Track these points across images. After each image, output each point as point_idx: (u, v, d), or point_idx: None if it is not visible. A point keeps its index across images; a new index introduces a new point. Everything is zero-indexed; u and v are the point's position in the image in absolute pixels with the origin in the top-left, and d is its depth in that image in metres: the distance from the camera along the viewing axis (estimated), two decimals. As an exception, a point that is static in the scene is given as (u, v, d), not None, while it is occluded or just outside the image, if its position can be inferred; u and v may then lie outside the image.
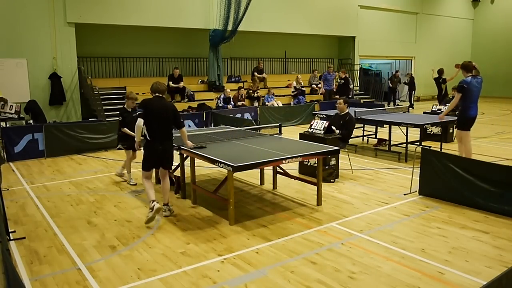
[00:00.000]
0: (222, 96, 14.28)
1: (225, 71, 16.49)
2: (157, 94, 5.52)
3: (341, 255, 4.41)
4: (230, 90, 14.69)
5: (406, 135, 9.18)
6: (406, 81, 20.04)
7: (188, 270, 4.13)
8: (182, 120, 5.73)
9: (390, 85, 19.73)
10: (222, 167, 5.19)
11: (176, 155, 6.48)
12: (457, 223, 5.31)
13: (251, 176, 7.44)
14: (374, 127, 10.70)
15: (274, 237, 4.90)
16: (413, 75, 20.13)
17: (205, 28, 15.12)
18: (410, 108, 16.55)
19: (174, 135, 5.68)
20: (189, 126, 12.10)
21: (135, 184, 7.20)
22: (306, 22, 17.84)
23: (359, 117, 9.43)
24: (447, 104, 11.52)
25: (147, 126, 5.37)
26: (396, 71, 20.23)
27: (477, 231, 5.05)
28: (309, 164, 7.48)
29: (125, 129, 7.05)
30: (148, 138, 5.41)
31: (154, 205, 5.27)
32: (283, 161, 5.41)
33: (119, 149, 7.48)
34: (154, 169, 5.89)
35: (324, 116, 9.83)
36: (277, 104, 15.16)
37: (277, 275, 4.01)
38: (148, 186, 5.53)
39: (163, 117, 5.41)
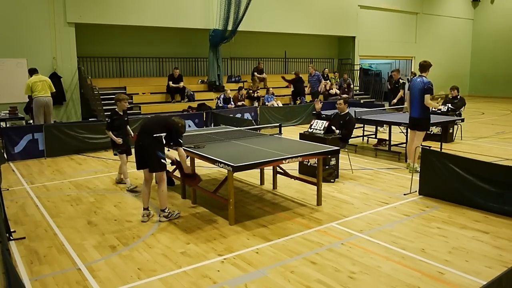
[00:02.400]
0: (222, 96, 14.29)
1: (225, 71, 16.49)
2: None
3: (341, 255, 4.41)
4: (230, 90, 14.70)
5: (406, 135, 9.17)
6: (409, 79, 19.92)
7: (188, 270, 4.13)
8: None
9: (389, 86, 19.66)
10: (222, 167, 5.19)
11: (176, 155, 6.48)
12: (457, 223, 5.31)
13: (251, 176, 7.44)
14: (374, 127, 10.70)
15: (274, 237, 4.90)
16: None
17: (205, 28, 15.12)
18: None
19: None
20: (189, 126, 12.09)
21: (136, 187, 7.05)
22: (306, 22, 17.84)
23: (359, 117, 9.43)
24: (448, 104, 11.55)
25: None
26: (392, 71, 20.13)
27: (477, 231, 5.05)
28: (309, 164, 7.48)
29: (110, 133, 6.81)
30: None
31: (143, 214, 5.54)
32: (283, 161, 5.41)
33: (115, 154, 7.22)
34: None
35: (324, 116, 9.82)
36: (277, 104, 15.16)
37: (277, 275, 4.01)
38: (142, 191, 5.66)
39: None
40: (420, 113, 7.53)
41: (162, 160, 5.39)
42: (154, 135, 5.35)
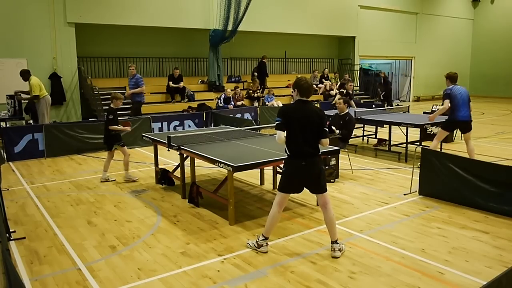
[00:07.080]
0: (223, 96, 14.29)
1: (225, 71, 16.49)
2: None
3: (341, 255, 4.41)
4: (230, 90, 14.71)
5: (406, 135, 9.18)
6: (381, 92, 16.73)
7: (188, 270, 4.13)
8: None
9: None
10: (222, 167, 5.19)
11: (176, 154, 6.49)
12: (457, 223, 5.31)
13: (251, 176, 7.44)
14: (374, 127, 10.70)
15: (274, 237, 4.90)
16: (386, 75, 17.95)
17: (205, 28, 15.13)
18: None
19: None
20: (189, 126, 12.11)
21: (114, 180, 7.46)
22: (306, 22, 17.84)
23: (359, 117, 9.43)
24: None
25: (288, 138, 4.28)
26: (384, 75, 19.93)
27: (477, 231, 5.05)
28: (309, 164, 7.46)
29: (115, 126, 7.28)
30: (288, 153, 4.32)
31: (262, 245, 4.48)
32: (283, 161, 5.40)
33: (115, 149, 7.46)
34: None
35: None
36: (277, 104, 15.16)
37: (277, 275, 4.01)
38: (273, 218, 4.42)
39: (308, 127, 4.25)
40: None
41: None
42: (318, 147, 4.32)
